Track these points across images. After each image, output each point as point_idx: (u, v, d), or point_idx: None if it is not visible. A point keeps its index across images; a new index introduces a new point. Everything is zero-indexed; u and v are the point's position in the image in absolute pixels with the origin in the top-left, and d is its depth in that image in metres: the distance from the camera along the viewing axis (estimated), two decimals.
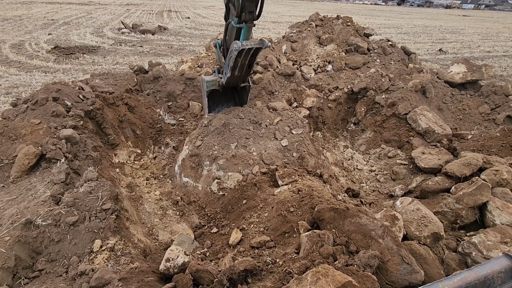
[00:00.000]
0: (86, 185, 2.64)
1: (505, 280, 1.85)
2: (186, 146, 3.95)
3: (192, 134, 4.13)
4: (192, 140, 3.96)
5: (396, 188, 3.95)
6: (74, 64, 8.59)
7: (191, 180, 3.68)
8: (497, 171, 3.15)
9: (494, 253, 2.15)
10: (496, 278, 1.80)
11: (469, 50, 14.07)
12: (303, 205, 2.41)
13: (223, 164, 3.49)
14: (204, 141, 3.82)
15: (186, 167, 3.77)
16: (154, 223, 3.27)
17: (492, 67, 8.23)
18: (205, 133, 3.94)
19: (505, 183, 3.06)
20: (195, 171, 3.69)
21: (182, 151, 4.01)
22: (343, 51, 6.80)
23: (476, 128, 5.15)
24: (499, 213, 2.51)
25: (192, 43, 12.79)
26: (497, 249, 2.18)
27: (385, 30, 19.68)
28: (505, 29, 25.35)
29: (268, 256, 2.18)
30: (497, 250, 2.17)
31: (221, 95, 4.54)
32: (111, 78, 5.21)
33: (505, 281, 1.85)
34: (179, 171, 3.89)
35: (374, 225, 2.05)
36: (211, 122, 4.01)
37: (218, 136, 3.80)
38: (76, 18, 18.07)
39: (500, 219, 2.48)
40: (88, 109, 4.02)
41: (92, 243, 2.28)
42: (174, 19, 21.64)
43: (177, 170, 3.96)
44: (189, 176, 3.71)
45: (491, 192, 2.77)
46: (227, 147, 3.66)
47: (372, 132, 5.20)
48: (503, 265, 1.84)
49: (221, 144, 3.70)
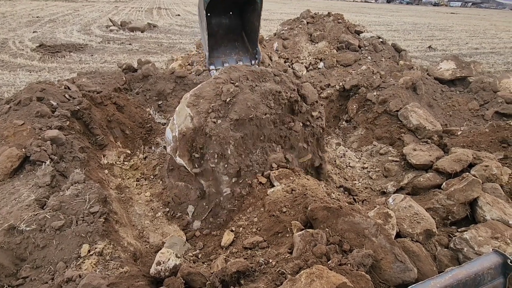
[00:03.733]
0: (73, 187, 2.56)
1: (495, 277, 1.87)
2: (188, 111, 3.00)
3: (199, 96, 3.02)
4: (199, 111, 2.97)
5: (388, 185, 3.97)
6: (60, 62, 8.36)
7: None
8: (486, 167, 3.19)
9: (485, 248, 2.17)
10: (486, 274, 1.82)
11: (458, 47, 14.30)
12: (296, 205, 2.39)
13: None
14: (217, 126, 2.86)
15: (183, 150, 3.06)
16: (144, 225, 3.20)
17: (480, 64, 8.38)
18: (221, 112, 2.94)
19: (494, 179, 3.10)
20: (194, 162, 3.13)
21: (179, 117, 3.12)
22: (335, 48, 6.81)
23: (465, 124, 5.22)
24: (489, 208, 2.54)
25: (183, 41, 12.63)
26: (488, 244, 2.20)
27: (375, 28, 19.83)
28: (491, 26, 25.87)
29: (261, 257, 2.14)
30: (488, 245, 2.19)
31: (223, 27, 3.76)
32: (99, 77, 5.08)
33: (495, 277, 1.87)
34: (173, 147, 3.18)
35: (368, 224, 2.03)
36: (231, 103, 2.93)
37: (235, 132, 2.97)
38: (63, 16, 17.63)
39: (491, 214, 2.51)
40: (75, 109, 3.90)
41: (79, 248, 2.20)
42: (164, 16, 21.33)
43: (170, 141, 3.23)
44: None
45: (481, 187, 2.80)
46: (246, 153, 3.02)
47: (364, 129, 5.22)
48: (492, 262, 1.86)
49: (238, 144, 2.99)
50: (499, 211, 2.52)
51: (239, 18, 3.91)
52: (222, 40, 3.84)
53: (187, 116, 3.03)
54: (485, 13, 51.20)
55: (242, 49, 4.00)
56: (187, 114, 3.03)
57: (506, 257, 1.81)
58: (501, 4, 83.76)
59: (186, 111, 3.04)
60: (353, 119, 5.51)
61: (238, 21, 3.90)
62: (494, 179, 3.10)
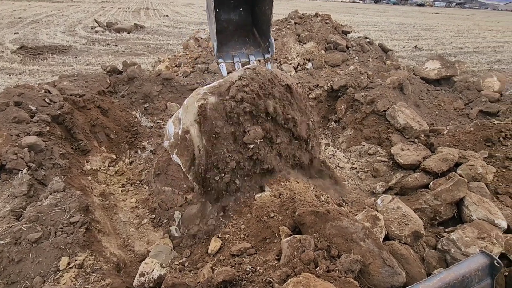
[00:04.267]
0: (51, 197, 2.45)
1: (482, 278, 1.86)
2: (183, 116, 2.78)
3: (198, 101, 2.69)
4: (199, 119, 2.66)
5: (377, 185, 3.98)
6: (42, 65, 8.10)
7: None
8: (472, 166, 3.22)
9: (472, 249, 2.18)
10: (474, 276, 1.81)
11: (443, 47, 14.59)
12: (284, 210, 2.34)
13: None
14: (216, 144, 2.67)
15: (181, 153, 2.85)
16: (129, 233, 3.10)
17: (465, 63, 8.55)
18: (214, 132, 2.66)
19: (480, 178, 3.13)
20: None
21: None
22: (323, 48, 6.82)
23: (451, 123, 5.30)
24: (475, 208, 2.56)
25: (170, 42, 12.46)
26: (474, 245, 2.20)
27: (363, 28, 20.06)
28: (474, 26, 26.56)
29: (248, 264, 2.09)
30: (474, 246, 2.19)
31: (233, 23, 3.50)
32: (82, 79, 4.93)
33: (482, 278, 1.87)
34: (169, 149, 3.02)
35: (355, 228, 2.01)
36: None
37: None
38: (46, 16, 17.16)
39: (477, 214, 2.53)
40: (56, 114, 3.77)
41: (58, 260, 2.11)
42: (152, 17, 21.03)
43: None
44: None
45: (467, 187, 2.82)
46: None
47: (353, 130, 5.23)
48: (480, 263, 1.85)
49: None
50: (485, 210, 2.54)
51: (250, 14, 3.67)
52: (232, 35, 3.61)
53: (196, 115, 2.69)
54: (469, 13, 52.60)
55: (253, 44, 3.69)
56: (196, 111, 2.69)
57: (493, 258, 1.81)
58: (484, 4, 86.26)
59: (195, 108, 2.69)
60: (342, 120, 5.52)
61: (249, 17, 3.67)
62: (480, 178, 3.14)
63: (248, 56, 3.59)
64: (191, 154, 2.73)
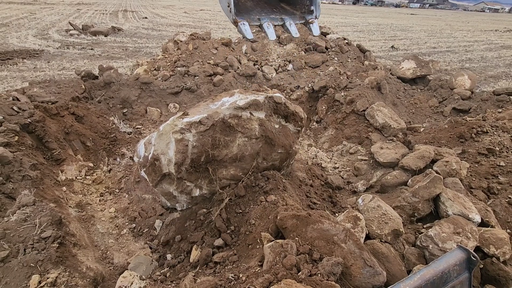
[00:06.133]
0: (20, 212, 2.30)
1: (460, 272, 1.92)
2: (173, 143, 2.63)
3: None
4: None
5: (359, 184, 4.04)
6: (12, 71, 7.70)
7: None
8: (447, 162, 3.33)
9: (448, 244, 2.24)
10: (452, 271, 1.86)
11: (418, 47, 15.13)
12: (265, 215, 2.32)
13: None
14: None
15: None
16: (108, 244, 2.98)
17: (438, 62, 8.90)
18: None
19: (454, 173, 3.25)
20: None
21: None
22: (303, 50, 6.88)
23: (427, 121, 5.48)
24: (451, 204, 2.64)
25: (149, 45, 12.20)
26: (451, 240, 2.27)
27: (342, 29, 20.48)
28: (447, 26, 27.77)
29: (230, 272, 2.05)
30: (451, 241, 2.26)
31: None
32: (54, 85, 4.72)
33: (460, 272, 1.92)
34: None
35: (336, 230, 2.01)
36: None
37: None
38: (17, 19, 16.36)
39: (452, 209, 2.61)
40: (26, 122, 3.57)
41: (28, 280, 1.98)
42: (130, 19, 20.53)
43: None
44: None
45: (443, 183, 2.91)
46: None
47: (334, 130, 5.30)
48: (457, 258, 1.91)
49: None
50: (460, 205, 2.63)
51: None
52: (255, 6, 2.88)
53: (169, 146, 2.62)
54: (441, 13, 54.98)
55: (285, 13, 2.98)
56: (169, 142, 2.61)
57: (469, 252, 1.87)
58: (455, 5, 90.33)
59: (170, 139, 2.60)
60: (323, 120, 5.58)
61: None
62: (454, 173, 3.25)
63: (283, 19, 2.85)
64: (159, 176, 2.72)
